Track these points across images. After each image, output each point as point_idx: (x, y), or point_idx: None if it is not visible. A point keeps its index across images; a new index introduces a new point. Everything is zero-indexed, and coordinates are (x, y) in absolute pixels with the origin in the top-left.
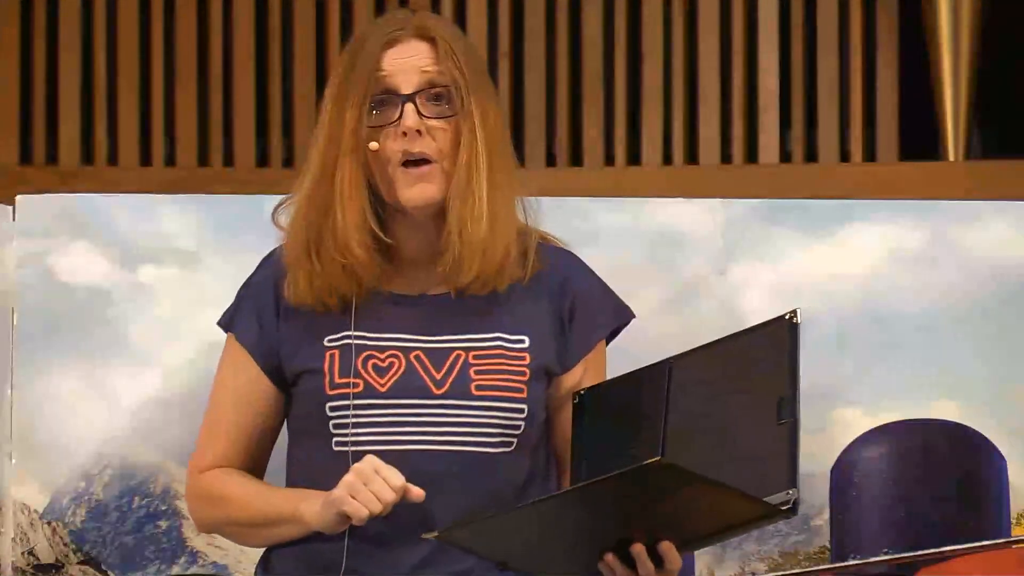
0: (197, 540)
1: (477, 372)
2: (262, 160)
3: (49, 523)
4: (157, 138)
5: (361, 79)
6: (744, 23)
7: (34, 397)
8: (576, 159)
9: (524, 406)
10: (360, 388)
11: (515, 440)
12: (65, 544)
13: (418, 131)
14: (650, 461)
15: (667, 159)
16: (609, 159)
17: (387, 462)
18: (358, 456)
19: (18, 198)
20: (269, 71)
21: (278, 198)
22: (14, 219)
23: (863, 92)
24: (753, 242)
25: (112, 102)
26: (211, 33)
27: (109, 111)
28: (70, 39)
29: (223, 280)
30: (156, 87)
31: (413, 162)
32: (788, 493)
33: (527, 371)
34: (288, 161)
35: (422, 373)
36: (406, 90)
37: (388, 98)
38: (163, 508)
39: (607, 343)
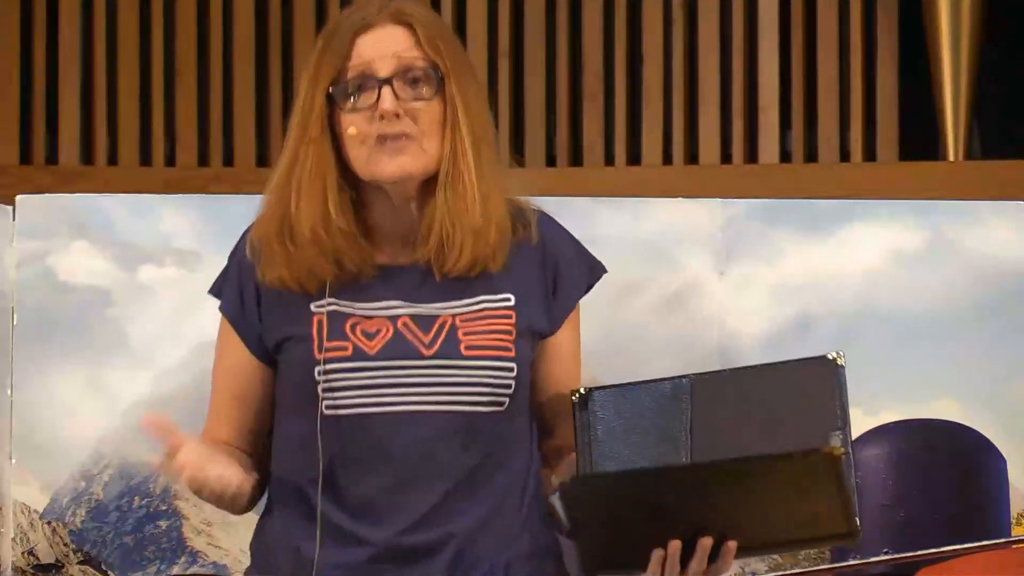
0: (197, 540)
1: (465, 334)
2: (262, 160)
3: (49, 523)
4: (157, 138)
5: (332, 63)
6: (744, 23)
7: (34, 397)
8: (576, 159)
9: (513, 364)
10: (349, 352)
11: (506, 400)
12: (65, 544)
13: (396, 114)
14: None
15: (667, 159)
16: (609, 159)
17: (379, 424)
18: (352, 420)
19: (18, 198)
20: (269, 71)
21: None
22: (14, 219)
23: (863, 92)
24: (753, 242)
25: (112, 102)
26: (211, 33)
27: (109, 111)
28: (70, 39)
29: None
30: (156, 87)
31: (390, 136)
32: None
33: (513, 330)
34: None
35: (410, 337)
36: (383, 74)
37: (366, 82)
38: (163, 508)
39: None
